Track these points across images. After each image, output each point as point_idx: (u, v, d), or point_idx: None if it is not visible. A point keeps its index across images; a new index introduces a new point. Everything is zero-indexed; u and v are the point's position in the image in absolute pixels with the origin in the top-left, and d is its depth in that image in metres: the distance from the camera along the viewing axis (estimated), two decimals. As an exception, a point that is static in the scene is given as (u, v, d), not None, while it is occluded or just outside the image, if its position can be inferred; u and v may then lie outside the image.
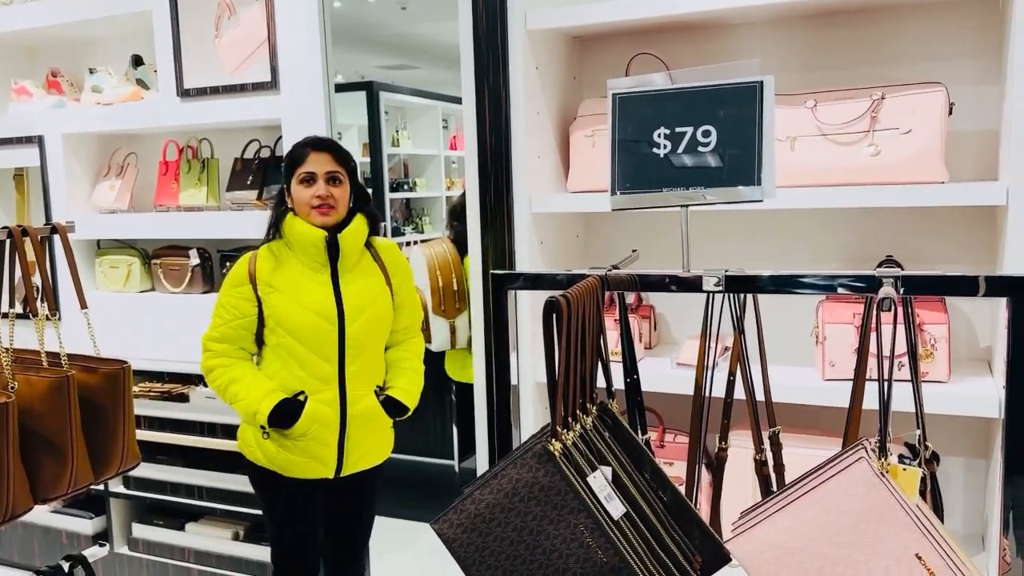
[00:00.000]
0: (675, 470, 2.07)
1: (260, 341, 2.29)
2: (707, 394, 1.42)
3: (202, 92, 2.96)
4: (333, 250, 2.23)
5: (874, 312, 1.10)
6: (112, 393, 1.91)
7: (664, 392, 2.14)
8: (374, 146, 6.01)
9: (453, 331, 3.30)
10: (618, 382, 1.45)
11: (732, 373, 1.40)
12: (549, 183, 2.45)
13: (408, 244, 6.16)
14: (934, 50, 2.20)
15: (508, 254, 2.36)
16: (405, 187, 6.64)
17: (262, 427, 2.25)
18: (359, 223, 2.29)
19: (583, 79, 2.63)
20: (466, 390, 3.30)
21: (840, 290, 1.18)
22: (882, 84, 2.04)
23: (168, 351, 3.13)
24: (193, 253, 3.15)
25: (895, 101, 1.99)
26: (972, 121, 2.15)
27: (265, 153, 3.05)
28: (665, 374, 2.24)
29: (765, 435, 1.40)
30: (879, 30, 2.25)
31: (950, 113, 1.99)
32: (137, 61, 3.28)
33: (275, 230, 2.29)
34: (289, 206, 2.27)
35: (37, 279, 1.97)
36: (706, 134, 1.20)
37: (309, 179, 2.22)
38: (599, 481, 1.16)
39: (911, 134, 1.97)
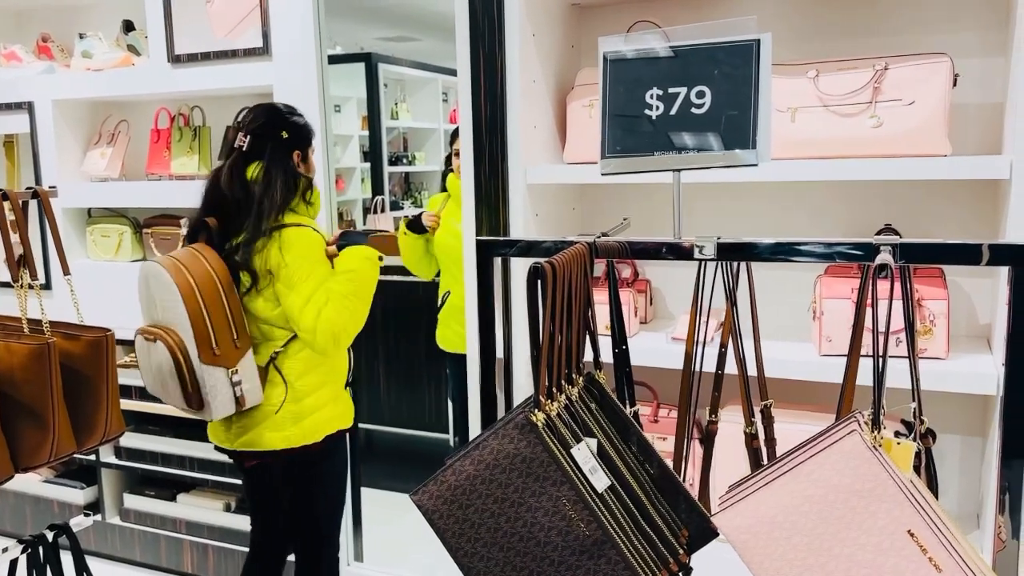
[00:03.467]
0: (668, 445, 2.03)
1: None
2: (698, 367, 1.38)
3: (193, 58, 2.91)
4: None
5: (871, 282, 1.06)
6: (95, 361, 1.88)
7: (659, 367, 2.11)
8: (373, 119, 5.94)
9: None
10: (607, 354, 1.42)
11: (724, 345, 1.37)
12: (545, 154, 2.41)
13: (406, 218, 6.11)
14: (939, 21, 2.15)
15: (503, 226, 2.32)
16: (404, 161, 6.58)
17: (347, 382, 2.32)
18: None
19: (581, 47, 2.57)
20: (460, 362, 3.26)
21: (837, 259, 1.14)
22: (885, 54, 1.99)
23: (159, 321, 3.09)
24: (184, 222, 3.11)
25: (898, 72, 1.94)
26: (977, 94, 2.11)
27: (257, 121, 2.99)
28: (660, 348, 2.21)
29: (757, 409, 1.36)
30: (883, 0, 2.19)
31: (954, 85, 1.94)
32: (128, 26, 3.23)
33: (303, 196, 2.25)
34: (303, 173, 2.28)
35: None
36: (700, 95, 1.15)
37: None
38: (583, 453, 1.13)
39: (914, 105, 1.92)
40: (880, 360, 1.02)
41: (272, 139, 2.22)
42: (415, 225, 3.13)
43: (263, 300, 2.18)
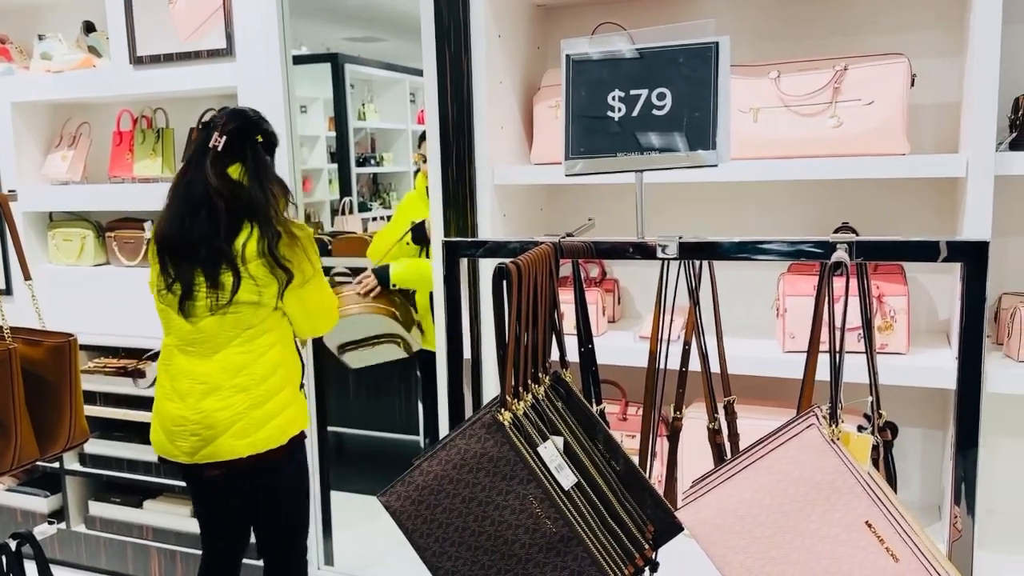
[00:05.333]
0: (637, 442, 2.06)
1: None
2: (663, 365, 1.40)
3: (156, 59, 2.88)
4: None
5: (827, 278, 1.08)
6: (57, 367, 1.86)
7: (627, 365, 2.13)
8: (340, 120, 5.91)
9: None
10: (574, 353, 1.43)
11: (687, 343, 1.38)
12: (512, 155, 2.42)
13: (374, 219, 6.09)
14: (898, 21, 2.19)
15: (470, 227, 2.32)
16: (372, 162, 6.55)
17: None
18: None
19: (547, 49, 2.58)
20: (430, 364, 3.25)
21: (795, 258, 1.16)
22: (845, 55, 2.03)
23: (123, 326, 3.06)
24: (148, 225, 3.08)
25: (857, 72, 1.98)
26: (934, 93, 2.15)
27: (222, 123, 2.97)
28: (628, 347, 2.23)
29: (720, 405, 1.38)
30: (843, 0, 2.23)
31: (912, 85, 1.98)
32: (88, 27, 3.18)
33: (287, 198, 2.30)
34: None
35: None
36: (661, 97, 1.16)
37: None
38: (550, 451, 1.14)
39: (873, 105, 1.96)
40: (837, 356, 1.05)
41: (251, 143, 2.23)
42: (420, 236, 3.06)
43: (259, 302, 2.16)
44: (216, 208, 2.12)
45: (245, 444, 2.17)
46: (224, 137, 2.18)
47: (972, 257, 1.06)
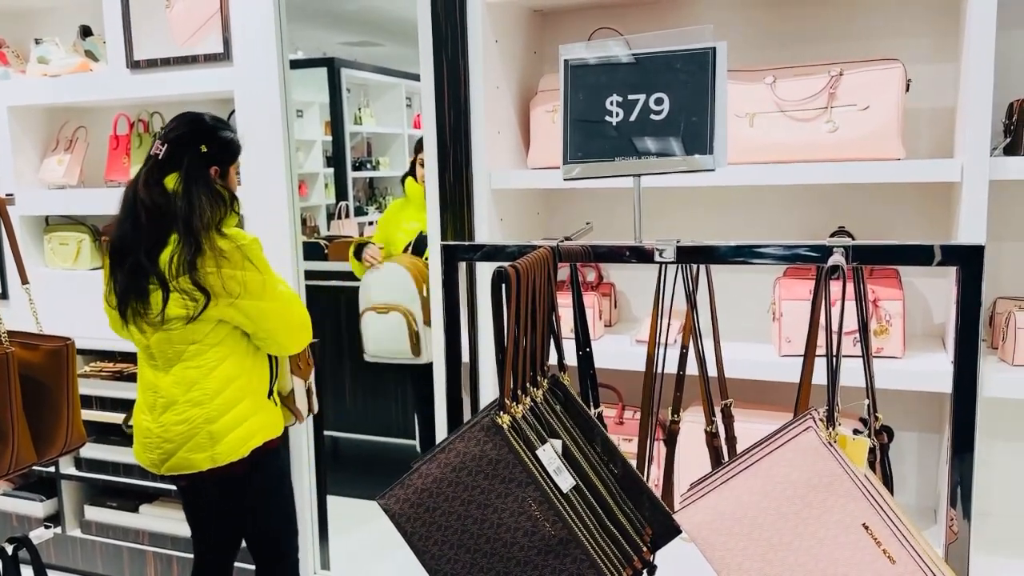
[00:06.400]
0: (634, 446, 2.06)
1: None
2: (660, 369, 1.40)
3: (153, 64, 2.88)
4: None
5: (824, 282, 1.09)
6: (55, 371, 1.86)
7: (624, 369, 2.13)
8: (336, 124, 5.92)
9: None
10: (572, 357, 1.44)
11: (684, 346, 1.39)
12: (509, 159, 2.42)
13: (371, 224, 6.09)
14: (893, 27, 2.20)
15: (467, 231, 2.33)
16: (368, 166, 6.56)
17: (270, 392, 2.29)
18: None
19: (544, 54, 2.59)
20: (426, 369, 3.26)
21: (792, 262, 1.17)
22: (841, 60, 2.04)
23: (120, 330, 3.05)
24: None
25: (853, 77, 1.99)
26: (929, 98, 2.16)
27: (219, 127, 2.98)
28: (625, 351, 2.23)
29: (717, 408, 1.39)
30: (839, 6, 2.24)
31: (907, 90, 2.00)
32: (85, 32, 3.19)
33: (233, 210, 2.19)
34: (219, 187, 2.17)
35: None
36: (659, 102, 1.17)
37: (237, 170, 2.31)
38: (548, 454, 1.14)
39: (869, 110, 1.97)
40: (833, 360, 1.05)
41: (189, 152, 2.12)
42: (359, 253, 3.46)
43: (198, 321, 2.08)
44: (139, 219, 2.07)
45: (203, 458, 2.14)
46: (165, 145, 2.12)
47: (968, 261, 1.07)
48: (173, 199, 2.06)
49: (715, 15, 2.35)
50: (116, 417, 3.09)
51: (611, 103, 1.21)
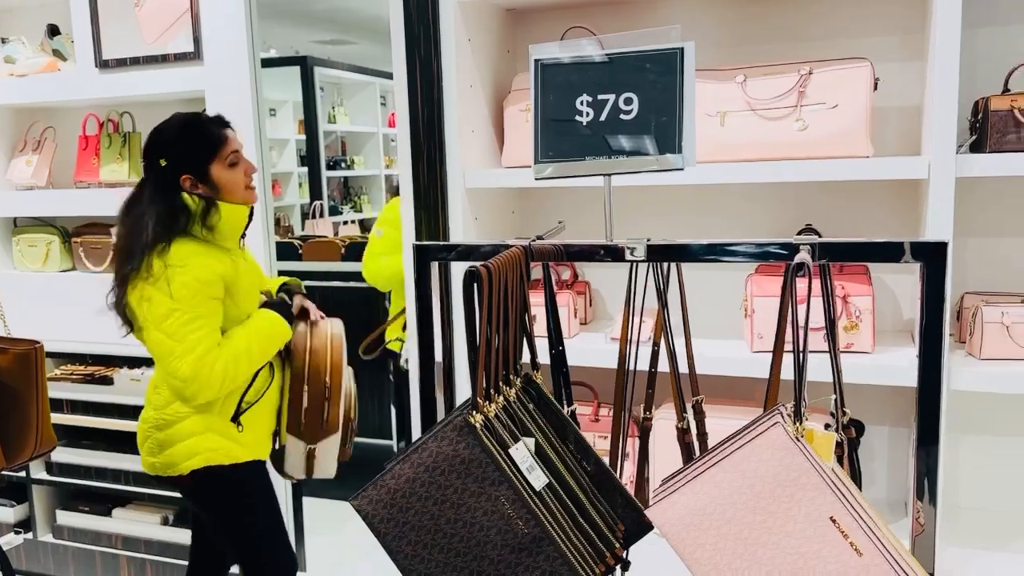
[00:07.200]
0: (608, 444, 2.08)
1: None
2: (632, 367, 1.41)
3: (122, 63, 2.85)
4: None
5: (791, 279, 1.10)
6: (24, 375, 1.84)
7: (599, 367, 2.14)
8: (309, 123, 5.89)
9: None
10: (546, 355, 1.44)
11: (656, 344, 1.40)
12: (483, 158, 2.43)
13: (345, 223, 6.06)
14: (862, 26, 2.23)
15: (442, 230, 2.33)
16: (342, 165, 6.53)
17: (236, 415, 2.10)
18: None
19: (517, 53, 2.60)
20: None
21: (761, 259, 1.18)
22: (810, 59, 2.06)
23: (91, 332, 3.02)
24: (115, 230, 3.04)
25: (822, 76, 2.01)
26: (897, 97, 2.19)
27: (190, 127, 2.95)
28: (599, 349, 2.24)
29: (689, 405, 1.40)
30: (809, 5, 2.26)
31: (875, 88, 2.02)
32: (53, 31, 3.14)
33: (201, 221, 2.02)
34: (202, 195, 2.04)
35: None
36: (628, 101, 1.18)
37: (236, 159, 2.08)
38: (521, 452, 1.14)
39: (837, 109, 1.99)
40: (800, 355, 1.07)
41: (152, 168, 2.06)
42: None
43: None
44: (118, 239, 2.07)
45: (149, 463, 2.12)
46: (142, 160, 2.10)
47: (931, 257, 1.09)
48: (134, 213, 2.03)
49: (687, 14, 2.36)
50: (87, 420, 3.06)
51: (581, 103, 1.21)
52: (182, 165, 2.03)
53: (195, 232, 2.03)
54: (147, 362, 3.02)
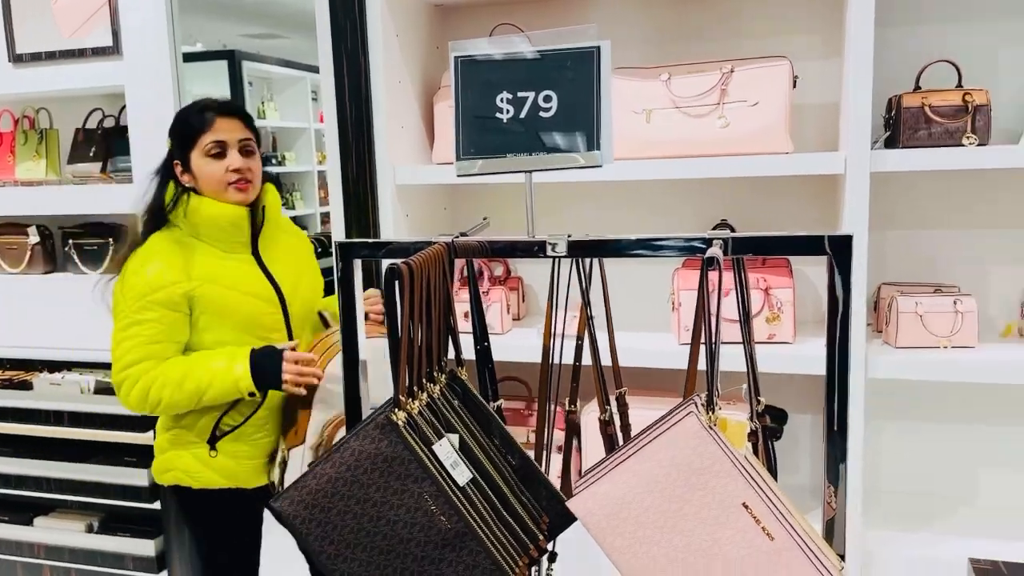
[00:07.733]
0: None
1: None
2: (557, 361, 1.43)
3: (37, 57, 2.75)
4: (253, 228, 1.97)
5: (705, 273, 1.13)
6: (-68, 381, 1.76)
7: (532, 362, 2.14)
8: (239, 119, 5.76)
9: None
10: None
11: (579, 338, 1.42)
12: (414, 154, 2.42)
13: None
14: (784, 25, 2.29)
15: (372, 227, 2.31)
16: (273, 161, 6.41)
17: (212, 439, 1.95)
18: (274, 194, 2.06)
19: (446, 49, 2.57)
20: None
21: (678, 253, 1.21)
22: (732, 58, 2.11)
23: (8, 336, 2.92)
24: (32, 230, 2.94)
25: (743, 74, 2.06)
26: (815, 94, 2.26)
27: (109, 123, 2.87)
28: (532, 344, 2.25)
29: (612, 397, 1.42)
30: (732, 5, 2.31)
31: (794, 86, 2.08)
32: (-37, 23, 3.01)
33: (167, 216, 1.92)
34: (187, 184, 1.93)
35: None
36: (547, 99, 1.19)
37: (220, 150, 1.90)
38: (445, 449, 1.15)
39: (758, 106, 2.04)
40: (713, 346, 1.09)
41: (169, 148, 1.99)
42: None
43: None
44: None
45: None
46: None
47: (837, 250, 1.13)
48: None
49: (615, 12, 2.39)
50: (6, 427, 2.95)
51: (502, 100, 1.22)
52: (175, 151, 1.95)
53: (180, 224, 1.93)
54: (67, 366, 2.93)
